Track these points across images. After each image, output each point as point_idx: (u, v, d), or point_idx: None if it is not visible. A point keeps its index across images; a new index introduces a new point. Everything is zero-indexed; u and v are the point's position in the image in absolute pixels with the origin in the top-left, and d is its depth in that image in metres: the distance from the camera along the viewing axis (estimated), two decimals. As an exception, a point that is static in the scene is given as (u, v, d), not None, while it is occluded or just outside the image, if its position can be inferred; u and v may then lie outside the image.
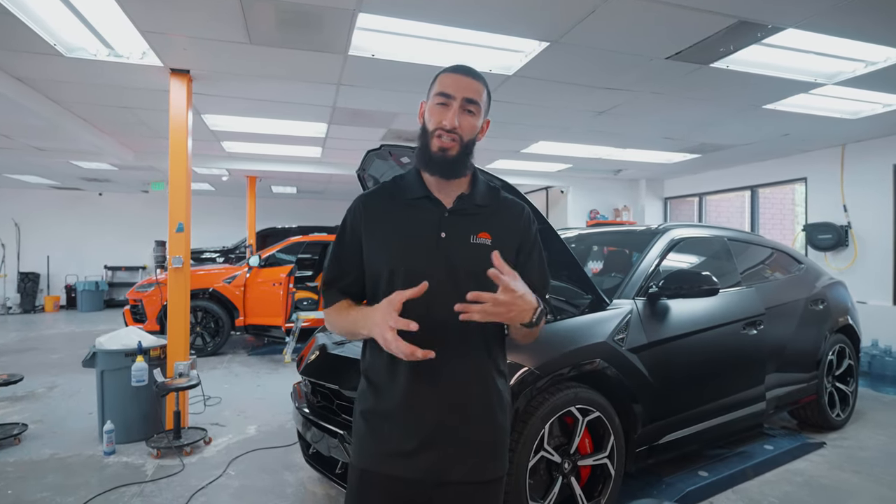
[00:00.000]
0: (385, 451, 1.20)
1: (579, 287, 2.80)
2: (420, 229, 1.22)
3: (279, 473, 3.13)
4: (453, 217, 1.23)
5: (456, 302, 1.08)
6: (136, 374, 3.48)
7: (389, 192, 1.29)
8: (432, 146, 1.20)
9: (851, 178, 6.14)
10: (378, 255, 1.22)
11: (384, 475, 1.20)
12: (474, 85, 1.22)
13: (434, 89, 1.23)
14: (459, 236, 1.21)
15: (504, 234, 1.25)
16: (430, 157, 1.21)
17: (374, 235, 1.24)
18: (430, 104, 1.23)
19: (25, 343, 7.37)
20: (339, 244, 1.30)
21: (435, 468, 1.18)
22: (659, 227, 3.35)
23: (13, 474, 3.10)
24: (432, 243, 1.20)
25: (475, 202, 1.26)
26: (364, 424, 1.25)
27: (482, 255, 1.13)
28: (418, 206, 1.24)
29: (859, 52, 3.44)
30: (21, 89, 4.13)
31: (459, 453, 1.19)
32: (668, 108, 4.74)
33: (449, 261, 1.19)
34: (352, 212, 1.29)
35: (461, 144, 1.21)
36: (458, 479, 1.19)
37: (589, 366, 2.47)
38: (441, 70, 1.25)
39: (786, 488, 2.97)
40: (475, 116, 1.23)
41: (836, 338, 3.92)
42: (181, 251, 3.80)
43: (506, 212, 1.30)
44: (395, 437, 1.20)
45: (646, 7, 2.79)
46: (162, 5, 2.83)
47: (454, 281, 1.17)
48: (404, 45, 3.41)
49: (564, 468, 2.39)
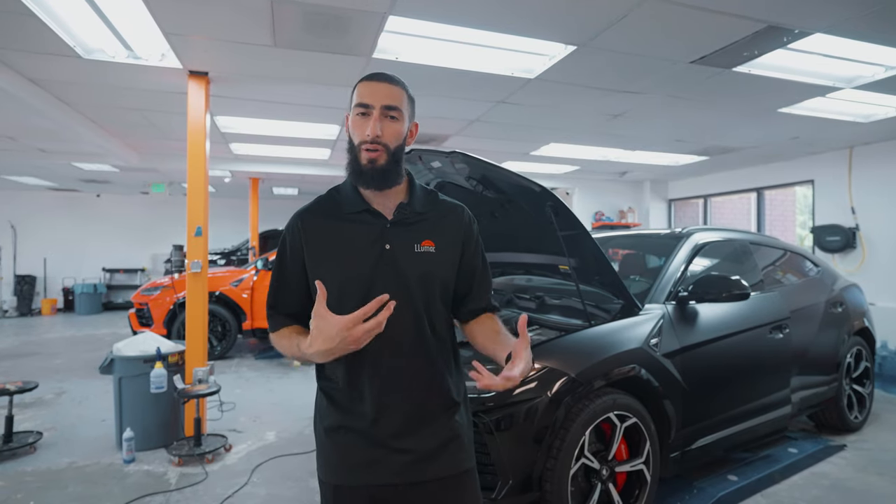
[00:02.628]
0: (356, 463, 1.21)
1: (611, 292, 2.80)
2: (364, 243, 1.21)
3: (305, 481, 3.09)
4: (395, 228, 1.23)
5: (409, 311, 1.18)
6: (155, 380, 3.43)
7: (327, 207, 1.27)
8: (361, 159, 1.19)
9: (860, 181, 6.19)
10: (325, 273, 1.17)
11: (359, 486, 1.21)
12: (393, 91, 1.20)
13: (353, 100, 1.21)
14: (404, 247, 1.22)
15: (446, 240, 1.27)
16: (360, 171, 1.20)
17: (317, 253, 1.22)
18: (352, 116, 1.22)
19: (26, 347, 7.25)
20: (280, 265, 1.27)
21: (408, 470, 1.20)
22: (682, 231, 3.35)
23: (33, 484, 3.03)
24: (376, 256, 1.20)
25: (415, 210, 1.26)
26: (329, 441, 1.24)
27: (429, 262, 1.22)
28: (359, 219, 1.23)
29: (880, 56, 3.46)
30: (33, 91, 4.06)
31: (429, 452, 1.22)
32: (683, 112, 4.75)
33: (397, 272, 1.20)
34: (290, 230, 1.26)
35: (388, 153, 1.20)
36: (433, 477, 1.22)
37: (626, 372, 2.46)
38: (359, 81, 1.22)
39: (814, 492, 2.97)
40: (398, 122, 1.21)
41: (854, 340, 3.95)
42: (199, 255, 3.75)
43: (447, 217, 1.31)
44: (363, 447, 1.21)
45: (678, 11, 2.78)
46: (190, 7, 2.79)
47: (405, 290, 1.19)
48: (428, 48, 3.39)
49: (603, 475, 2.38)
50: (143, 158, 6.89)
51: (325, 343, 1.06)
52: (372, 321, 1.04)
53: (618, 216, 9.13)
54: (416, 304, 1.21)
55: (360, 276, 1.19)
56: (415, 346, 1.22)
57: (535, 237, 2.89)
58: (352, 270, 1.20)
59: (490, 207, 2.84)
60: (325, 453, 1.26)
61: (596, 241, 2.50)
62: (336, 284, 1.16)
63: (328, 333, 1.05)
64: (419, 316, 1.22)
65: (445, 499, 1.24)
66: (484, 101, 4.48)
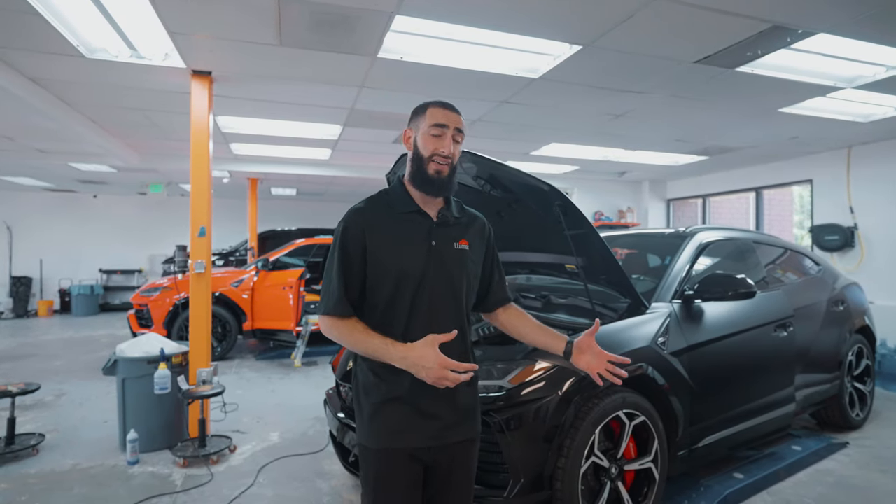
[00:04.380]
0: (400, 429, 1.43)
1: (618, 291, 2.81)
2: (416, 238, 1.44)
3: (312, 482, 3.09)
4: (439, 228, 1.48)
5: (449, 296, 1.45)
6: (159, 381, 3.41)
7: (382, 206, 1.47)
8: (429, 169, 1.43)
9: (858, 180, 6.23)
10: (386, 261, 1.41)
11: (401, 449, 1.43)
12: (460, 119, 1.47)
13: (426, 120, 1.44)
14: (446, 244, 1.47)
15: (476, 242, 1.55)
16: (427, 179, 1.44)
17: (380, 244, 1.41)
18: (424, 133, 1.44)
19: (23, 349, 7.19)
20: (343, 254, 1.42)
21: (440, 434, 1.45)
22: (687, 231, 3.36)
23: (37, 487, 3.01)
24: (427, 250, 1.43)
25: (453, 215, 1.52)
26: (377, 413, 1.44)
27: (465, 258, 1.49)
28: (410, 218, 1.46)
29: (882, 56, 3.48)
30: (33, 90, 4.03)
31: (455, 419, 1.46)
32: (685, 112, 4.77)
33: (442, 264, 1.45)
34: (351, 223, 1.43)
35: (451, 167, 1.46)
36: (456, 440, 1.47)
37: (635, 370, 2.47)
38: (428, 103, 1.46)
39: (819, 489, 2.99)
40: (459, 145, 1.48)
41: (856, 338, 3.98)
42: (203, 256, 3.73)
43: (474, 223, 1.58)
44: (405, 416, 1.42)
45: (685, 11, 2.79)
46: (196, 6, 2.77)
47: (449, 280, 1.46)
48: (433, 47, 3.39)
49: (612, 473, 2.38)
50: (143, 159, 6.85)
51: (418, 363, 1.32)
52: (452, 378, 1.32)
53: (617, 216, 9.16)
54: (457, 292, 1.47)
55: (414, 267, 1.41)
56: (451, 325, 1.42)
57: (542, 236, 2.90)
58: (408, 261, 1.41)
59: (497, 207, 2.84)
60: (374, 422, 1.44)
61: (603, 240, 2.50)
62: (395, 272, 1.40)
63: (428, 362, 1.31)
64: (459, 302, 1.48)
65: (461, 458, 1.51)
66: (487, 100, 4.48)
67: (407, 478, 1.44)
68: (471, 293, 1.53)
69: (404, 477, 1.44)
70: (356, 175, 7.79)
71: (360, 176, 7.87)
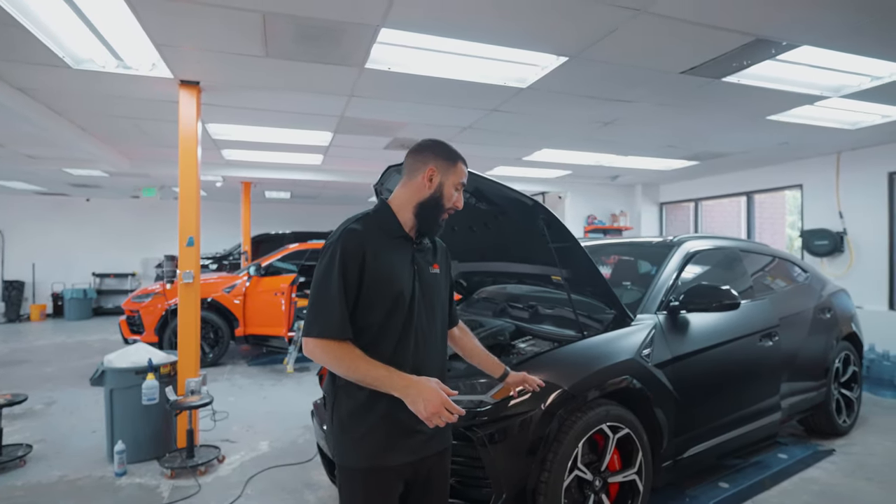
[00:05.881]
0: (386, 447, 1.46)
1: (603, 302, 2.82)
2: (405, 262, 1.53)
3: (300, 492, 3.09)
4: (419, 253, 1.58)
5: (433, 318, 1.56)
6: (146, 392, 3.40)
7: (375, 227, 1.51)
8: (442, 217, 1.57)
9: (847, 186, 6.27)
10: (385, 283, 1.45)
11: (390, 467, 1.47)
12: None
13: (456, 174, 1.56)
14: (424, 267, 1.58)
15: (443, 265, 1.68)
16: (437, 223, 1.57)
17: (379, 266, 1.45)
18: (451, 186, 1.55)
19: (15, 355, 7.16)
20: (344, 275, 1.41)
21: (421, 447, 1.51)
22: (674, 240, 3.38)
23: (23, 499, 3.00)
24: (412, 273, 1.53)
25: (426, 242, 1.63)
26: (367, 433, 1.46)
27: (439, 281, 1.62)
28: (399, 243, 1.53)
29: (866, 67, 3.51)
30: (21, 100, 4.02)
31: (433, 431, 1.49)
32: (674, 119, 4.79)
33: (426, 287, 1.55)
34: (352, 244, 1.43)
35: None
36: (432, 452, 1.55)
37: (619, 383, 2.48)
38: (459, 157, 1.57)
39: (804, 497, 3.01)
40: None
41: (842, 345, 4.00)
42: (192, 265, 3.73)
43: (438, 248, 1.69)
44: (391, 433, 1.46)
45: (668, 25, 2.81)
46: (180, 19, 2.77)
47: (430, 302, 1.56)
48: (421, 58, 3.39)
49: (596, 486, 2.39)
50: (134, 164, 6.84)
51: (421, 394, 1.34)
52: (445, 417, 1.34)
53: (610, 220, 9.18)
54: (438, 314, 1.60)
55: (407, 289, 1.50)
56: (439, 346, 1.59)
57: (528, 248, 2.91)
58: (403, 283, 1.49)
59: (483, 218, 2.85)
60: (362, 444, 1.47)
61: (588, 253, 2.52)
62: (392, 294, 1.46)
63: (431, 396, 1.34)
64: (443, 322, 1.63)
65: (438, 468, 1.60)
66: (476, 109, 4.49)
67: (392, 495, 1.49)
68: (446, 313, 1.66)
69: (390, 494, 1.48)
70: (347, 180, 7.80)
71: (352, 181, 7.88)
